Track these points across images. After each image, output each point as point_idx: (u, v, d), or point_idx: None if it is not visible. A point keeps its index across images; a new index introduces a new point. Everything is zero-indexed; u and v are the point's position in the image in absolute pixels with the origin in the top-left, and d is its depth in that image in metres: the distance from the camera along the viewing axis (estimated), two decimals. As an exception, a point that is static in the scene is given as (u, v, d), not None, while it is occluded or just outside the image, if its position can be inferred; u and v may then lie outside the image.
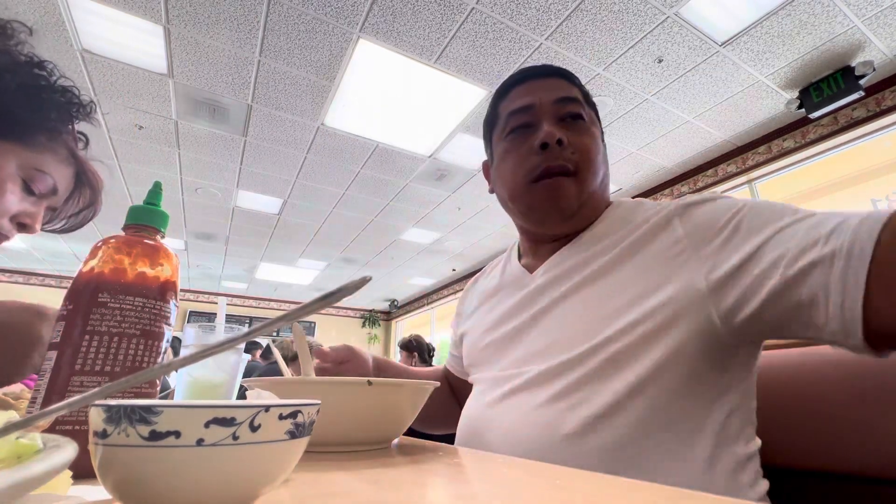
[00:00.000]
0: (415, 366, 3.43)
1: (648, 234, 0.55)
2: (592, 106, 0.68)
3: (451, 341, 0.84)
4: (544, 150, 0.59)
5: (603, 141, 0.68)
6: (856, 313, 0.36)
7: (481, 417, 0.58)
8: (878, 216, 0.38)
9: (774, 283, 0.42)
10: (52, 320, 0.55)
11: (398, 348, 3.62)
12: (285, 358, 2.76)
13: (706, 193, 0.57)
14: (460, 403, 0.73)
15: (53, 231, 0.68)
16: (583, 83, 0.68)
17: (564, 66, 2.48)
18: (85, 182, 0.67)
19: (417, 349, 3.47)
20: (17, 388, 0.63)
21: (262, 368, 3.55)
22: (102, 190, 0.69)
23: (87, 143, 0.67)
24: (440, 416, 0.83)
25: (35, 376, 0.43)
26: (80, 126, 0.64)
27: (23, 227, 0.60)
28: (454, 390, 0.85)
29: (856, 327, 0.36)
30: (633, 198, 0.76)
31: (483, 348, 0.67)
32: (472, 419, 0.60)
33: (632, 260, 0.54)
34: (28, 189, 0.59)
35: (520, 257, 0.71)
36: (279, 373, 0.67)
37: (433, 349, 3.61)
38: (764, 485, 0.48)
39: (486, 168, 0.74)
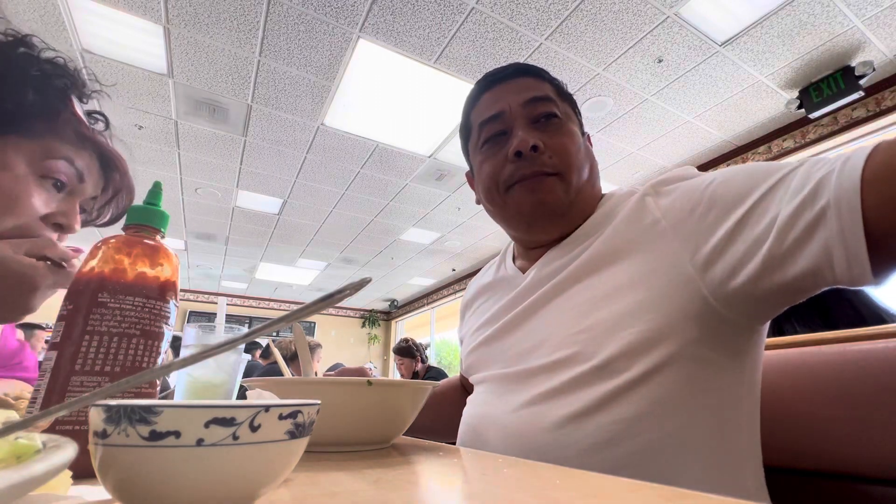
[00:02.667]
0: (419, 367, 3.45)
1: (627, 223, 0.54)
2: (567, 98, 0.65)
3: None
4: (519, 158, 0.57)
5: (583, 133, 0.65)
6: (865, 267, 0.37)
7: (477, 417, 0.58)
8: (855, 160, 0.38)
9: (771, 249, 0.41)
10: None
11: (394, 355, 3.60)
12: (284, 357, 2.76)
13: (675, 171, 0.56)
14: None
15: (96, 225, 0.61)
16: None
17: (564, 67, 2.51)
18: (109, 165, 0.58)
19: (417, 351, 3.49)
20: (17, 387, 0.63)
21: (263, 368, 3.55)
22: (128, 170, 0.61)
23: (107, 124, 0.59)
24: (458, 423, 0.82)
25: (34, 375, 0.43)
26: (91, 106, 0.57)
27: (59, 227, 0.52)
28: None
29: (864, 276, 0.37)
30: None
31: (473, 350, 0.66)
32: (466, 422, 0.60)
33: (617, 253, 0.53)
34: (54, 186, 0.51)
35: (514, 259, 0.69)
36: (280, 373, 0.67)
37: (425, 346, 3.65)
38: (761, 476, 0.49)
39: (470, 178, 0.72)
